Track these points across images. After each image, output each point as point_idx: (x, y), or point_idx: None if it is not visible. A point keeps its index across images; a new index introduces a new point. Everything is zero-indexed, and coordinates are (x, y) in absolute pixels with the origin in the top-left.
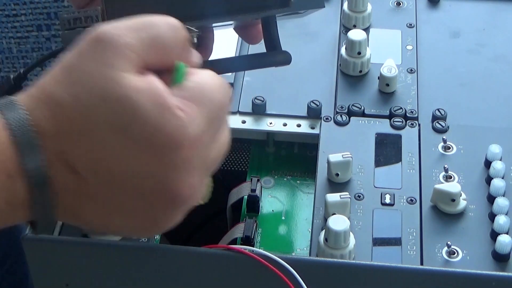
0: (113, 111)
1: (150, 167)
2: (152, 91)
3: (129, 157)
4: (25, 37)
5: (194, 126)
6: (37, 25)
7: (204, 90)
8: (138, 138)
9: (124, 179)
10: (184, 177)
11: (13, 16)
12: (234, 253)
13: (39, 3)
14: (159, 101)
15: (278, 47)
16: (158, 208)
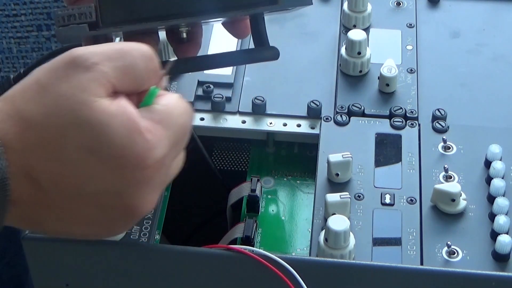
0: (84, 134)
1: (115, 185)
2: (123, 115)
3: (96, 175)
4: (25, 37)
5: (160, 148)
6: (37, 25)
7: (171, 114)
8: (106, 159)
9: (88, 194)
10: (146, 194)
11: (13, 16)
12: (234, 253)
13: (39, 3)
14: (129, 124)
15: (266, 43)
16: (117, 221)
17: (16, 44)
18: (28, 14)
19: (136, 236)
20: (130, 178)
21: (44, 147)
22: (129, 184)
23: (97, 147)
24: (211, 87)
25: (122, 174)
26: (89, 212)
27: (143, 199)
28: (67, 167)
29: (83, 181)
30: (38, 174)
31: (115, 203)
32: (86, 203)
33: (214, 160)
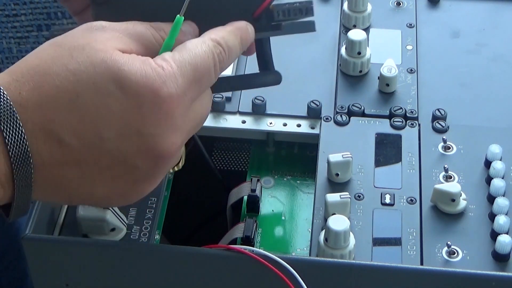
0: (100, 76)
1: (134, 124)
2: (136, 57)
3: (115, 117)
4: (25, 37)
5: (173, 82)
6: (37, 25)
7: (186, 52)
8: (123, 98)
9: (110, 139)
10: (167, 134)
11: (13, 16)
12: (234, 253)
13: (39, 3)
14: (142, 61)
15: (270, 67)
16: (141, 168)
17: (16, 44)
18: (28, 14)
19: (136, 236)
20: (148, 115)
21: (60, 97)
22: (149, 122)
23: (112, 87)
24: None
25: (140, 112)
26: (112, 160)
27: (165, 139)
28: (85, 114)
29: (103, 125)
30: (58, 128)
31: (137, 146)
32: (109, 151)
33: (214, 160)
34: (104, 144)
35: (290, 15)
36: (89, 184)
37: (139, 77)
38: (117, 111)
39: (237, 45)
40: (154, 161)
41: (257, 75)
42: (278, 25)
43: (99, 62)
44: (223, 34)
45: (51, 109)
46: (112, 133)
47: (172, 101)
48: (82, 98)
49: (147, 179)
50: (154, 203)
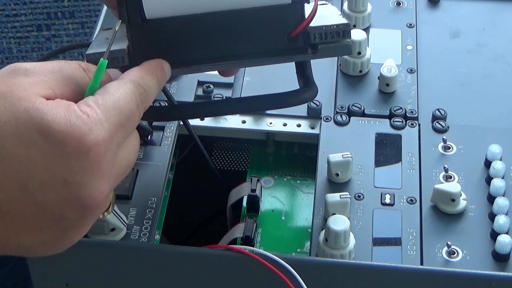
0: (22, 126)
1: (60, 174)
2: (60, 102)
3: (39, 168)
4: (25, 37)
5: (99, 129)
6: (37, 25)
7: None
8: (47, 149)
9: (36, 190)
10: (94, 182)
11: (13, 16)
12: (234, 253)
13: (39, 3)
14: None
15: (310, 83)
16: (69, 218)
17: (16, 44)
18: (28, 14)
19: (136, 236)
20: (74, 164)
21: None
22: (75, 171)
23: (36, 138)
24: (211, 87)
25: (66, 161)
26: (38, 211)
27: (93, 187)
28: (8, 165)
29: (27, 177)
30: None
31: (64, 196)
32: (34, 202)
33: (214, 160)
34: (29, 195)
35: (327, 38)
36: (14, 235)
37: (63, 126)
38: (41, 162)
39: (155, 84)
40: (82, 210)
41: (296, 92)
42: (314, 47)
43: (22, 111)
44: (141, 74)
45: None
46: (37, 184)
47: (99, 148)
48: (5, 149)
49: (75, 228)
50: (154, 203)
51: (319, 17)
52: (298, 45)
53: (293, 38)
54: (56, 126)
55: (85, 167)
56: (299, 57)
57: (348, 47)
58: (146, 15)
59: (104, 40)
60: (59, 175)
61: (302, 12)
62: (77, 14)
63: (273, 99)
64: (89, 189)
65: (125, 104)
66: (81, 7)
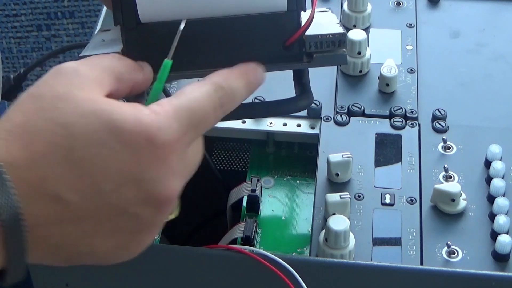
0: (91, 127)
1: (133, 172)
2: (125, 104)
3: (112, 166)
4: (25, 37)
5: (168, 128)
6: (37, 25)
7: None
8: (119, 148)
9: (109, 190)
10: (165, 179)
11: (13, 16)
12: (234, 253)
13: (39, 3)
14: (131, 106)
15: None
16: (142, 217)
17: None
18: (28, 14)
19: None
20: (145, 162)
21: (53, 153)
22: (146, 169)
23: (106, 137)
24: None
25: (137, 159)
26: (112, 212)
27: (164, 184)
28: (81, 168)
29: (100, 177)
30: (54, 185)
31: (137, 194)
32: (108, 203)
33: (214, 160)
34: (103, 196)
35: (322, 47)
36: (88, 241)
37: (132, 124)
38: (113, 161)
39: (242, 87)
40: (154, 207)
41: (291, 100)
42: (309, 56)
43: (88, 112)
44: (226, 76)
45: (44, 167)
46: (110, 184)
47: (168, 147)
48: (76, 152)
49: (147, 228)
50: None
51: (317, 25)
52: (294, 53)
53: (289, 46)
54: (125, 125)
55: (156, 165)
56: (294, 65)
57: (343, 57)
58: (141, 19)
59: (100, 42)
60: (131, 173)
61: (298, 20)
62: (77, 14)
63: (268, 107)
64: (161, 186)
65: (199, 105)
66: (81, 7)
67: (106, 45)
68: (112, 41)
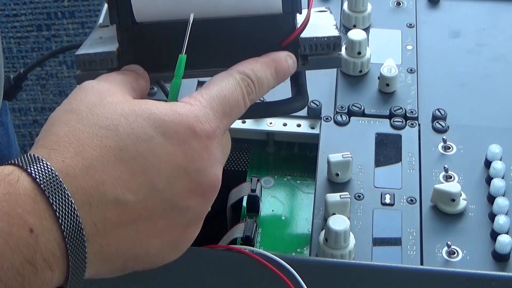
0: (134, 122)
1: (181, 163)
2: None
3: (162, 160)
4: (25, 37)
5: (206, 117)
6: (37, 25)
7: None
8: (162, 139)
9: (163, 185)
10: (210, 167)
11: (13, 16)
12: (234, 253)
13: (39, 3)
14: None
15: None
16: (192, 208)
17: (16, 44)
18: (28, 14)
19: None
20: (191, 152)
21: (105, 155)
22: (193, 159)
23: (151, 132)
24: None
25: (183, 150)
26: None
27: (210, 172)
28: (134, 165)
29: (153, 172)
30: (111, 188)
31: (187, 186)
32: (162, 199)
33: None
34: (158, 192)
35: (317, 50)
36: (144, 241)
37: (172, 116)
38: (163, 155)
39: (269, 76)
40: (203, 196)
41: (286, 102)
42: (304, 58)
43: (128, 111)
44: (252, 66)
45: (100, 171)
46: (163, 179)
47: (209, 135)
48: (127, 150)
49: (195, 220)
50: None
51: (313, 26)
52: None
53: (284, 47)
54: (166, 117)
55: (200, 154)
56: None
57: (338, 60)
58: (136, 19)
59: (98, 40)
60: (180, 165)
61: (294, 22)
62: (77, 14)
63: (263, 108)
64: (207, 174)
65: (229, 93)
66: (81, 7)
67: (102, 43)
68: (109, 39)
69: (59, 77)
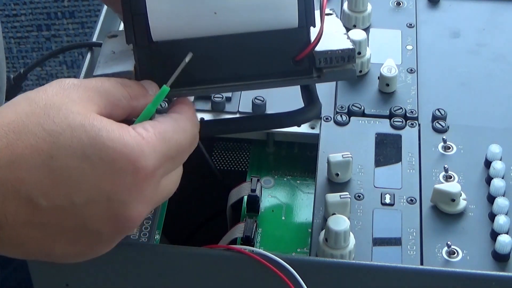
0: (77, 139)
1: (106, 190)
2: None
3: (88, 182)
4: (25, 37)
5: (151, 156)
6: (37, 25)
7: (168, 129)
8: (99, 164)
9: (80, 204)
10: (135, 202)
11: (13, 16)
12: (234, 253)
13: (39, 3)
14: (122, 129)
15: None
16: (103, 234)
17: (16, 44)
18: (28, 14)
19: (136, 236)
20: (121, 183)
21: (34, 157)
22: (120, 190)
23: (89, 152)
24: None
25: (114, 179)
26: (77, 224)
27: (132, 208)
28: (59, 176)
29: (75, 190)
30: (29, 188)
31: (104, 212)
32: (75, 215)
33: (214, 160)
34: (73, 208)
35: (332, 62)
36: (48, 244)
37: (117, 144)
38: (91, 176)
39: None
40: (118, 228)
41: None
42: (319, 70)
43: (77, 125)
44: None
45: (24, 169)
46: (82, 198)
47: (146, 174)
48: (57, 160)
49: (105, 243)
50: None
51: (324, 35)
52: (303, 68)
53: (298, 61)
54: (110, 143)
55: (130, 188)
56: (304, 80)
57: (352, 72)
58: (153, 38)
59: (111, 55)
60: (105, 191)
61: (308, 35)
62: (77, 14)
63: (275, 120)
64: (129, 210)
65: (180, 139)
66: (81, 7)
67: (118, 59)
68: (122, 54)
69: (59, 77)
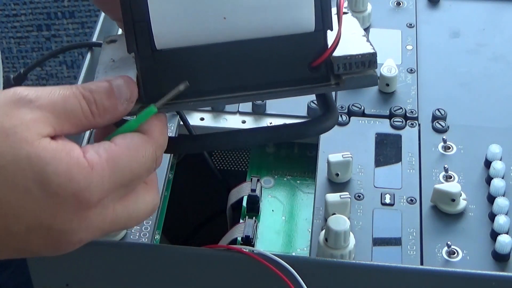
0: (21, 171)
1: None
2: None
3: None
4: (25, 37)
5: (99, 187)
6: (37, 25)
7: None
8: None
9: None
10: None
11: (13, 16)
12: (234, 253)
13: (39, 3)
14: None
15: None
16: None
17: (16, 44)
18: (28, 14)
19: (136, 236)
20: (62, 215)
21: None
22: (61, 221)
23: (32, 186)
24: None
25: (55, 211)
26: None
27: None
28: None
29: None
30: None
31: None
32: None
33: (214, 160)
34: (12, 236)
35: (351, 68)
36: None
37: (63, 179)
38: (31, 209)
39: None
40: (57, 250)
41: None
42: (337, 76)
43: (23, 157)
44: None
45: None
46: (22, 228)
47: (90, 204)
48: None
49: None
50: None
51: (342, 38)
52: (320, 75)
53: (315, 67)
54: (55, 179)
55: (72, 219)
56: (321, 89)
57: (374, 78)
58: (157, 46)
59: (110, 63)
60: (45, 222)
61: (325, 39)
62: (77, 14)
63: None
64: (69, 236)
65: (135, 167)
66: (81, 7)
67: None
68: (122, 62)
69: (59, 77)
